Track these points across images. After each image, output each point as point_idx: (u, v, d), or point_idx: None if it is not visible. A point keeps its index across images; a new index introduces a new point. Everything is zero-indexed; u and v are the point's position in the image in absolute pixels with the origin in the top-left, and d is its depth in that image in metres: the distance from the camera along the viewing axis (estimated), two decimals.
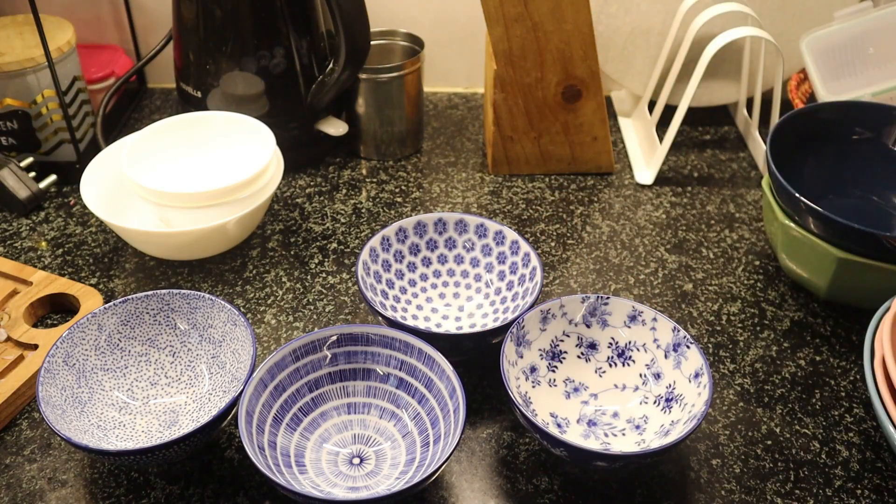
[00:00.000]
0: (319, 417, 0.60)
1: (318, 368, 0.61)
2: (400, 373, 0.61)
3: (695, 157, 0.94)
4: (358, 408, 0.61)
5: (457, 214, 0.71)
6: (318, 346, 0.60)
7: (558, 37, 0.82)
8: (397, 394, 0.61)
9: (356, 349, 0.61)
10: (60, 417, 0.56)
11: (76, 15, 1.00)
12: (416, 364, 0.60)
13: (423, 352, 0.60)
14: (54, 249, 0.79)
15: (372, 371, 0.61)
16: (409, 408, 0.60)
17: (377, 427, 0.61)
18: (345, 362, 0.61)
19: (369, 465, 0.58)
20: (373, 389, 0.62)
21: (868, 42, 0.84)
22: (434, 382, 0.59)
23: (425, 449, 0.57)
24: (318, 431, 0.60)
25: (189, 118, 0.81)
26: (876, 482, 0.58)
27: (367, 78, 0.87)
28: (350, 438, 0.60)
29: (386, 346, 0.61)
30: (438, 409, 0.58)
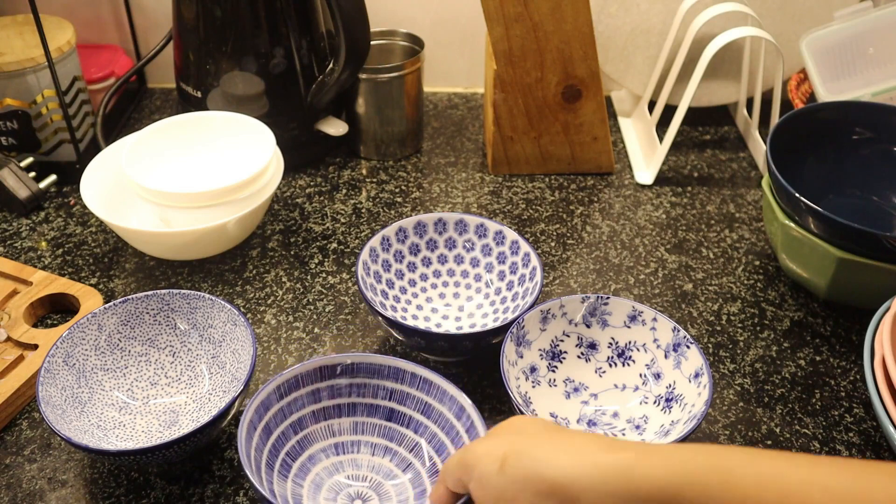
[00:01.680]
0: (308, 461, 0.56)
1: (301, 407, 0.56)
2: (390, 403, 0.57)
3: (695, 157, 0.94)
4: (346, 447, 0.57)
5: (457, 214, 0.71)
6: (300, 381, 0.56)
7: (558, 37, 0.82)
8: (389, 426, 0.58)
9: (339, 382, 0.57)
10: (60, 417, 0.56)
11: (76, 15, 1.00)
12: (407, 390, 0.57)
13: (416, 376, 0.56)
14: (54, 249, 0.79)
15: (357, 405, 0.58)
16: (406, 439, 0.57)
17: (371, 465, 0.57)
18: (328, 398, 0.57)
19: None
20: (360, 425, 0.58)
21: (868, 42, 0.84)
22: (433, 407, 0.56)
23: (434, 479, 0.53)
24: (310, 477, 0.55)
25: (189, 118, 0.81)
26: None
27: (367, 78, 0.87)
28: (344, 481, 0.56)
29: (373, 376, 0.57)
30: (443, 434, 0.55)
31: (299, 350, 0.68)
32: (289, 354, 0.68)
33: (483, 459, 0.42)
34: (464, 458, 0.44)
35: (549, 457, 0.39)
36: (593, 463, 0.38)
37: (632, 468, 0.38)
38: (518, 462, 0.40)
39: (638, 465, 0.38)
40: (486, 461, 0.42)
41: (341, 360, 0.57)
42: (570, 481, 0.38)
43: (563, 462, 0.39)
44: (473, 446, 0.44)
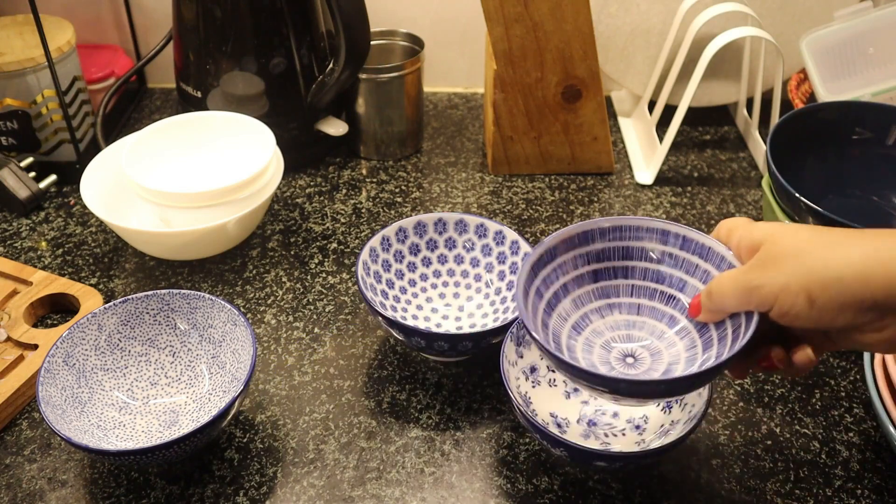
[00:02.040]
0: (581, 320, 0.55)
1: (570, 270, 0.55)
2: (649, 264, 0.55)
3: (695, 157, 0.94)
4: (617, 308, 0.56)
5: (457, 214, 0.71)
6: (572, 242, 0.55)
7: (558, 37, 0.82)
8: (651, 286, 0.55)
9: (600, 247, 0.56)
10: (60, 417, 0.56)
11: (76, 15, 1.00)
12: (670, 250, 0.55)
13: (677, 235, 0.54)
14: (54, 249, 0.79)
15: (619, 269, 0.56)
16: (670, 299, 0.55)
17: (638, 324, 0.55)
18: (595, 261, 0.56)
19: (644, 365, 0.53)
20: (627, 288, 0.56)
21: (868, 42, 0.84)
22: (692, 263, 0.54)
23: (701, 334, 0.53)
24: (584, 335, 0.55)
25: (189, 118, 0.81)
26: (876, 482, 0.58)
27: (367, 78, 0.87)
28: (615, 341, 0.55)
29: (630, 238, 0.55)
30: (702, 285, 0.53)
31: (299, 350, 0.68)
32: (289, 354, 0.68)
33: (783, 297, 0.42)
34: (750, 298, 0.44)
35: (866, 280, 0.39)
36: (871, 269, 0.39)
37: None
38: (829, 293, 0.40)
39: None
40: (787, 298, 0.42)
41: (604, 223, 0.55)
42: (893, 293, 0.39)
43: (883, 283, 0.39)
44: (759, 283, 0.43)
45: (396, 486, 0.58)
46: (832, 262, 0.40)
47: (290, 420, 0.63)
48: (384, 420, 0.63)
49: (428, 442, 0.61)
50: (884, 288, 0.39)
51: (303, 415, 0.63)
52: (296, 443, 0.61)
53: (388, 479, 0.58)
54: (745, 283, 0.45)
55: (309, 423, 0.62)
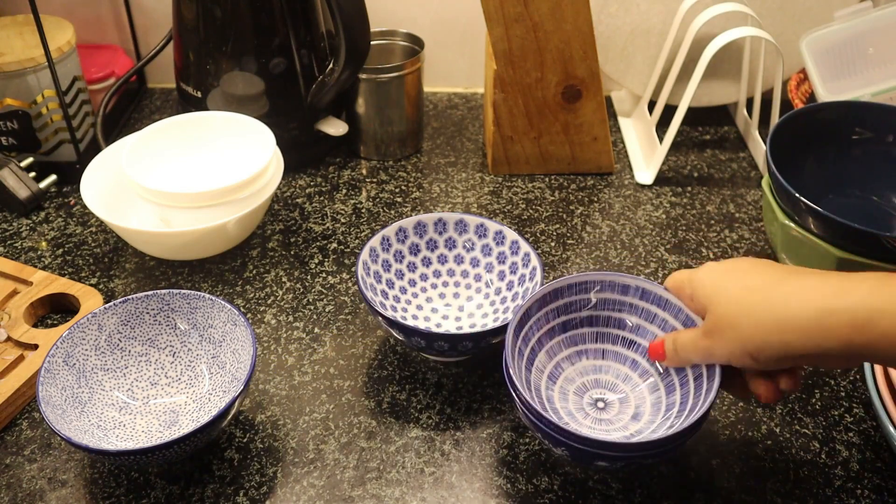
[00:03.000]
0: (555, 369, 0.61)
1: (549, 321, 0.62)
2: (618, 314, 0.62)
3: (695, 157, 0.94)
4: (587, 354, 0.63)
5: (457, 214, 0.71)
6: (552, 296, 0.61)
7: (558, 37, 0.82)
8: (621, 334, 0.62)
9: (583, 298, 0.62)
10: (60, 417, 0.56)
11: (76, 15, 1.00)
12: (630, 301, 0.61)
13: (638, 288, 0.60)
14: (54, 249, 0.79)
15: (593, 318, 0.62)
16: (634, 345, 0.62)
17: (606, 370, 0.62)
18: (573, 311, 0.62)
19: (613, 409, 0.60)
20: (595, 335, 0.63)
21: (868, 42, 0.84)
22: (654, 314, 0.60)
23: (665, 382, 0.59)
24: (559, 383, 0.61)
25: (189, 118, 0.81)
26: (876, 482, 0.58)
27: (367, 78, 0.87)
28: (586, 386, 0.61)
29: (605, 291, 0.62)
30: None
31: (299, 350, 0.68)
32: (289, 354, 0.68)
33: (732, 358, 0.50)
34: (710, 358, 0.52)
35: (787, 345, 0.46)
36: (818, 345, 0.45)
37: (850, 342, 0.44)
38: (764, 354, 0.48)
39: (854, 341, 0.44)
40: (736, 359, 0.50)
41: (571, 280, 0.61)
42: (811, 354, 0.46)
43: (799, 344, 0.46)
44: (713, 351, 0.51)
45: (396, 486, 0.58)
46: (759, 333, 0.48)
47: (290, 420, 0.63)
48: (384, 420, 0.63)
49: (428, 442, 0.61)
50: (803, 349, 0.46)
51: (303, 415, 0.63)
52: (296, 443, 0.61)
53: (388, 479, 0.58)
54: (703, 348, 0.52)
55: (309, 423, 0.62)
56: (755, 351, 0.48)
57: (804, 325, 0.45)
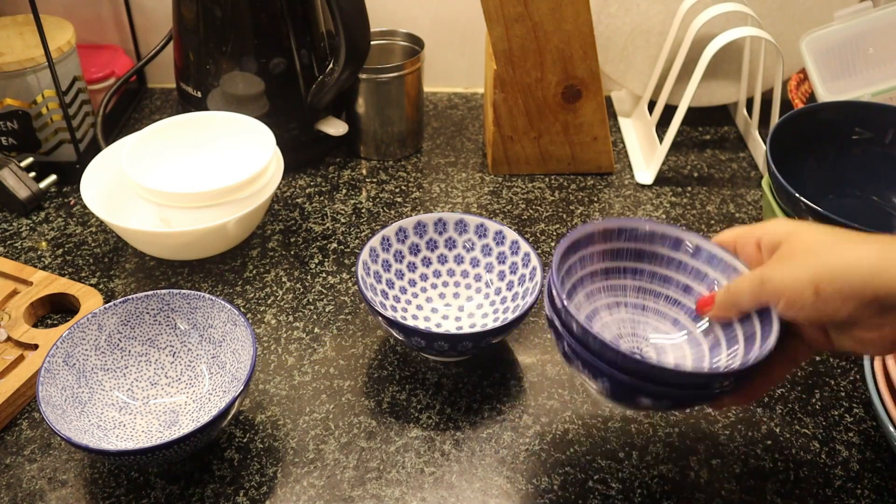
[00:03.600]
0: (591, 314, 0.57)
1: (587, 265, 0.57)
2: (655, 267, 0.58)
3: (695, 157, 0.94)
4: (625, 307, 0.59)
5: (457, 214, 0.71)
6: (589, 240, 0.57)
7: (558, 37, 0.82)
8: (658, 289, 0.58)
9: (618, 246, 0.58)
10: (60, 417, 0.56)
11: (76, 15, 1.00)
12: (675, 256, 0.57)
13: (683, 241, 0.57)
14: (54, 249, 0.79)
15: (628, 269, 0.58)
16: (671, 300, 0.57)
17: (641, 322, 0.58)
18: (611, 259, 0.58)
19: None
20: (633, 288, 0.58)
21: (868, 42, 0.84)
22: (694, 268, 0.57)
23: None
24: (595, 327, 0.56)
25: (189, 118, 0.81)
26: (876, 482, 0.58)
27: (367, 78, 0.87)
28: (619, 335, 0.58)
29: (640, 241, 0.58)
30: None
31: (299, 350, 0.68)
32: (289, 354, 0.68)
33: (793, 287, 0.45)
34: (762, 289, 0.47)
35: (871, 273, 0.42)
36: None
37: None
38: (835, 285, 0.43)
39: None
40: (796, 287, 0.45)
41: (623, 224, 0.57)
42: (893, 291, 0.41)
43: (882, 275, 0.42)
44: (771, 275, 0.47)
45: (396, 486, 0.58)
46: (843, 258, 0.43)
47: (290, 420, 0.63)
48: (384, 420, 0.63)
49: (428, 442, 0.61)
50: (887, 284, 0.41)
51: (303, 415, 0.63)
52: (296, 443, 0.61)
53: (388, 479, 0.58)
54: (759, 276, 0.47)
55: (309, 423, 0.62)
56: (824, 278, 0.43)
57: (887, 258, 0.42)
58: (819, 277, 0.44)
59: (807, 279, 0.44)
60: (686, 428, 0.62)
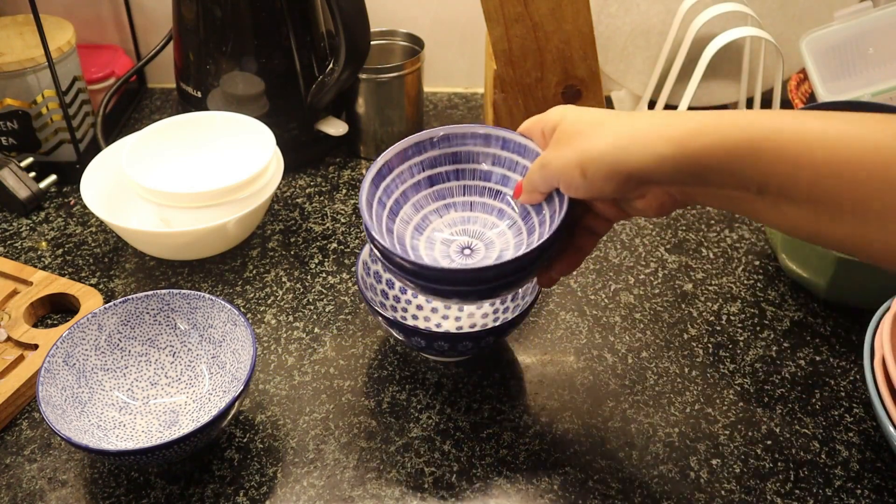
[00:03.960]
0: (422, 221, 0.62)
1: (410, 177, 0.62)
2: (472, 165, 0.62)
3: None
4: (452, 207, 0.62)
5: None
6: (407, 154, 0.61)
7: (558, 37, 0.82)
8: (476, 184, 0.62)
9: (436, 153, 0.62)
10: (60, 417, 0.56)
11: (76, 15, 1.00)
12: (483, 150, 0.62)
13: (487, 136, 0.61)
14: (54, 249, 0.79)
15: (450, 172, 0.62)
16: (492, 192, 0.62)
17: (470, 219, 0.62)
18: (429, 167, 0.62)
19: (479, 254, 0.60)
20: (457, 188, 0.62)
21: (868, 42, 0.84)
22: (503, 157, 0.61)
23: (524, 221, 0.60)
24: (426, 233, 0.61)
25: (189, 118, 0.81)
26: (876, 482, 0.58)
27: (367, 78, 0.87)
28: (451, 236, 0.61)
29: (455, 143, 0.62)
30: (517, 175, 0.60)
31: (299, 350, 0.68)
32: (289, 354, 0.68)
33: (564, 170, 0.50)
34: (544, 173, 0.52)
35: (619, 155, 0.46)
36: (653, 152, 0.45)
37: (683, 148, 0.44)
38: (594, 167, 0.48)
39: (687, 147, 0.44)
40: (567, 171, 0.49)
41: (434, 133, 0.61)
42: (641, 168, 0.46)
43: (633, 157, 0.46)
44: (549, 160, 0.51)
45: (396, 486, 0.58)
46: (599, 142, 0.48)
47: (290, 420, 0.63)
48: (384, 420, 0.63)
49: (428, 442, 0.61)
50: (633, 161, 0.46)
51: (303, 415, 0.63)
52: (296, 443, 0.61)
53: (388, 479, 0.58)
54: (540, 160, 0.53)
55: (309, 423, 0.62)
56: (587, 161, 0.48)
57: (643, 134, 0.46)
58: (583, 160, 0.48)
59: (574, 162, 0.49)
60: (686, 428, 0.62)
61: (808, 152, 0.41)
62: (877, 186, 0.39)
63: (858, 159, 0.40)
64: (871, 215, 0.40)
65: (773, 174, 0.42)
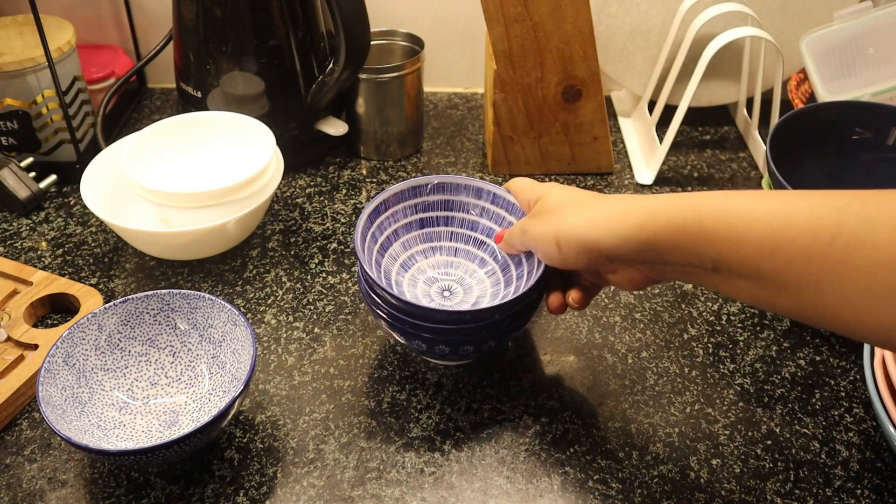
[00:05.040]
0: (408, 260, 0.67)
1: (402, 217, 0.67)
2: (460, 214, 0.68)
3: (695, 157, 0.94)
4: (439, 251, 0.68)
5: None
6: (398, 198, 0.67)
7: (558, 37, 0.82)
8: (463, 232, 0.68)
9: (429, 199, 0.68)
10: (60, 417, 0.56)
11: (76, 15, 1.00)
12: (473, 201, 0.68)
13: (481, 190, 0.67)
14: (54, 249, 0.79)
15: (440, 217, 0.68)
16: (476, 242, 0.68)
17: (452, 264, 0.68)
18: (421, 211, 0.68)
19: (458, 297, 0.66)
20: (444, 234, 0.69)
21: (868, 42, 0.84)
22: (491, 211, 0.67)
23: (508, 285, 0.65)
24: (410, 272, 0.67)
25: (189, 118, 0.81)
26: (876, 482, 0.58)
27: (367, 78, 0.87)
28: (435, 276, 0.67)
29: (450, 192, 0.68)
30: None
31: (299, 350, 0.68)
32: (289, 354, 0.68)
33: (541, 241, 0.55)
34: (524, 238, 0.58)
35: (590, 233, 0.52)
36: (616, 233, 0.50)
37: (641, 230, 0.49)
38: (568, 241, 0.53)
39: (644, 229, 0.49)
40: (544, 242, 0.55)
41: (430, 180, 0.67)
42: (607, 247, 0.51)
43: (599, 234, 0.51)
44: (529, 228, 0.57)
45: (396, 486, 0.58)
46: (572, 221, 0.53)
47: (290, 420, 0.63)
48: (384, 420, 0.63)
49: (428, 442, 0.61)
50: (601, 240, 0.51)
51: (303, 415, 0.63)
52: (296, 443, 0.61)
53: (388, 479, 0.58)
54: (521, 226, 0.59)
55: (309, 423, 0.62)
56: (562, 237, 0.53)
57: (610, 216, 0.51)
58: (558, 236, 0.54)
59: (550, 236, 0.54)
60: (686, 428, 0.62)
61: (748, 231, 0.44)
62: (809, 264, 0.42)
63: (790, 240, 0.43)
64: (812, 290, 0.42)
65: (722, 251, 0.46)
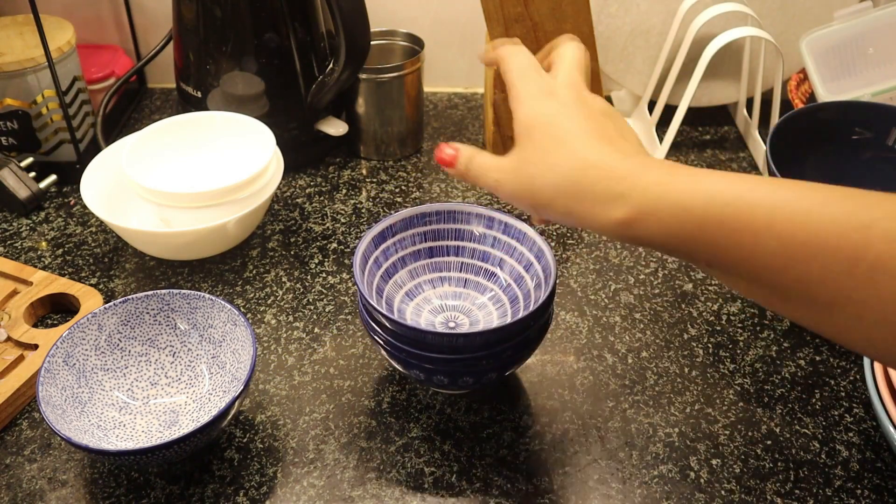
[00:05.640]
0: (415, 289, 0.65)
1: (410, 245, 0.65)
2: (471, 244, 0.66)
3: (695, 157, 0.94)
4: (445, 281, 0.66)
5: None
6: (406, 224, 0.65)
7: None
8: (469, 262, 0.66)
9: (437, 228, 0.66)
10: (60, 417, 0.56)
11: (76, 15, 1.00)
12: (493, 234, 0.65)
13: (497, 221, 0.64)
14: (54, 249, 0.79)
15: (441, 247, 0.66)
16: (485, 272, 0.66)
17: (458, 294, 0.66)
18: (429, 240, 0.66)
19: (463, 330, 0.63)
20: (446, 264, 0.66)
21: (868, 42, 0.84)
22: (505, 243, 0.65)
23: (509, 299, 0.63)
24: (416, 300, 0.65)
25: (189, 118, 0.81)
26: (876, 482, 0.58)
27: (367, 78, 0.87)
28: (440, 303, 0.65)
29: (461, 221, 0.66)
30: (518, 266, 0.64)
31: (299, 350, 0.68)
32: (289, 354, 0.68)
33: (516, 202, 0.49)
34: (496, 188, 0.50)
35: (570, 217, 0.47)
36: (601, 225, 0.45)
37: (628, 228, 0.44)
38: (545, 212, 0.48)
39: (632, 227, 0.44)
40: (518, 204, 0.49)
41: (441, 207, 0.65)
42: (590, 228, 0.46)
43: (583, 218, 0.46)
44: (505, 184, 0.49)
45: (396, 486, 0.58)
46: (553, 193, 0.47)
47: (290, 420, 0.63)
48: (384, 420, 0.63)
49: (428, 442, 0.61)
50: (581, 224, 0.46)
51: (303, 415, 0.63)
52: (296, 443, 0.61)
53: (388, 479, 0.58)
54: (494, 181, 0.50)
55: (309, 423, 0.62)
56: (540, 209, 0.48)
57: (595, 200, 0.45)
58: (535, 203, 0.48)
59: (527, 202, 0.48)
60: (686, 428, 0.62)
61: (755, 243, 0.40)
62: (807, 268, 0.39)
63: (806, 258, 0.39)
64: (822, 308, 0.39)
65: (722, 258, 0.42)
